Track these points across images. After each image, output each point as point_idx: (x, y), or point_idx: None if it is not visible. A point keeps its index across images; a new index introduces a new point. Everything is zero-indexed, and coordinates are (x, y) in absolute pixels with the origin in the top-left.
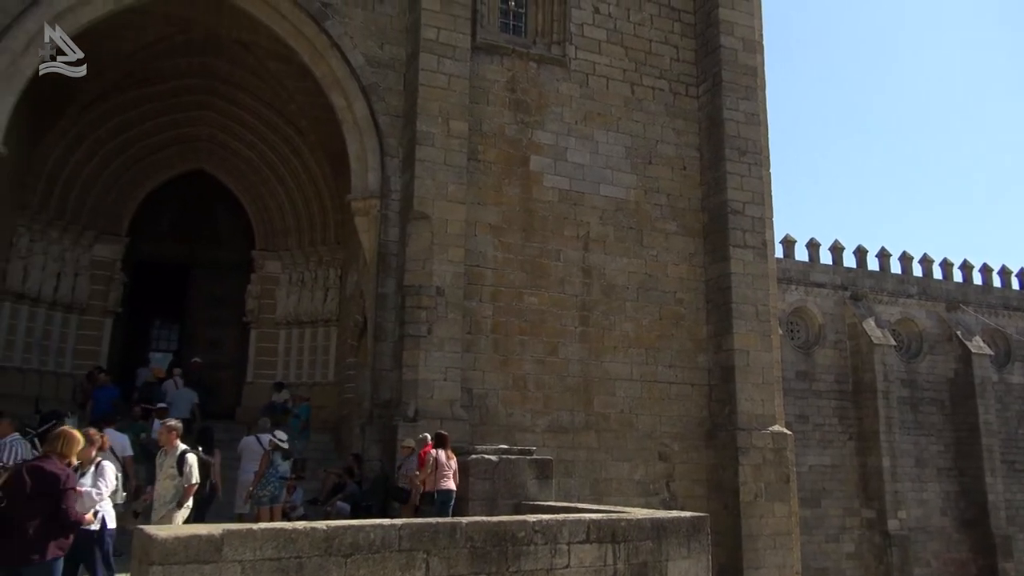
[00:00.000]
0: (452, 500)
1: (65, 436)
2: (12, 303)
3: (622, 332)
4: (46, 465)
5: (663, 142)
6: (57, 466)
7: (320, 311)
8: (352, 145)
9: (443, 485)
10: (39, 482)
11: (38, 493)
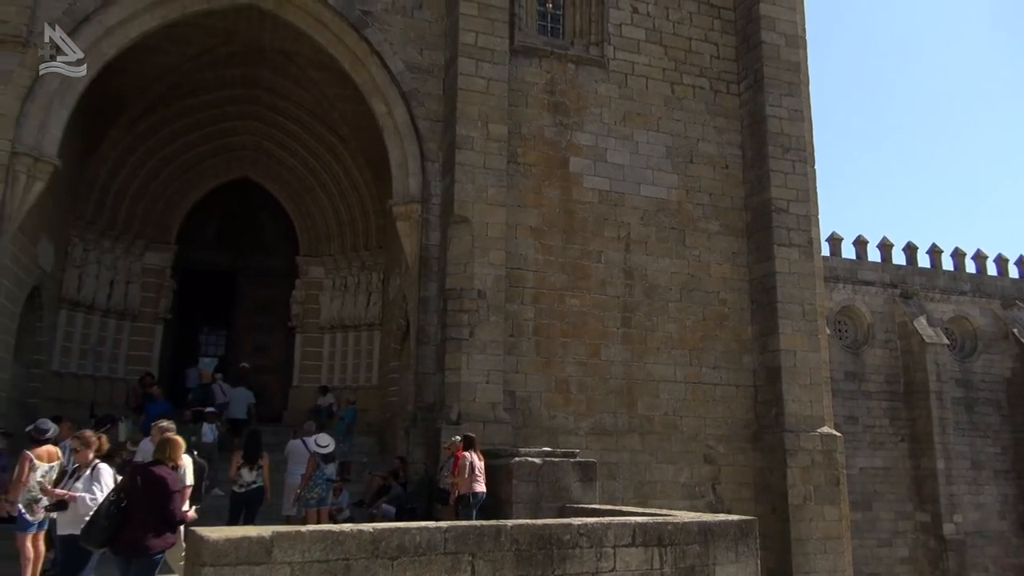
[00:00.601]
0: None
1: (171, 443)
2: (68, 310)
3: (665, 333)
4: (156, 470)
5: (704, 141)
6: (164, 471)
7: (363, 315)
8: (393, 151)
9: (476, 488)
10: (149, 484)
11: (149, 494)
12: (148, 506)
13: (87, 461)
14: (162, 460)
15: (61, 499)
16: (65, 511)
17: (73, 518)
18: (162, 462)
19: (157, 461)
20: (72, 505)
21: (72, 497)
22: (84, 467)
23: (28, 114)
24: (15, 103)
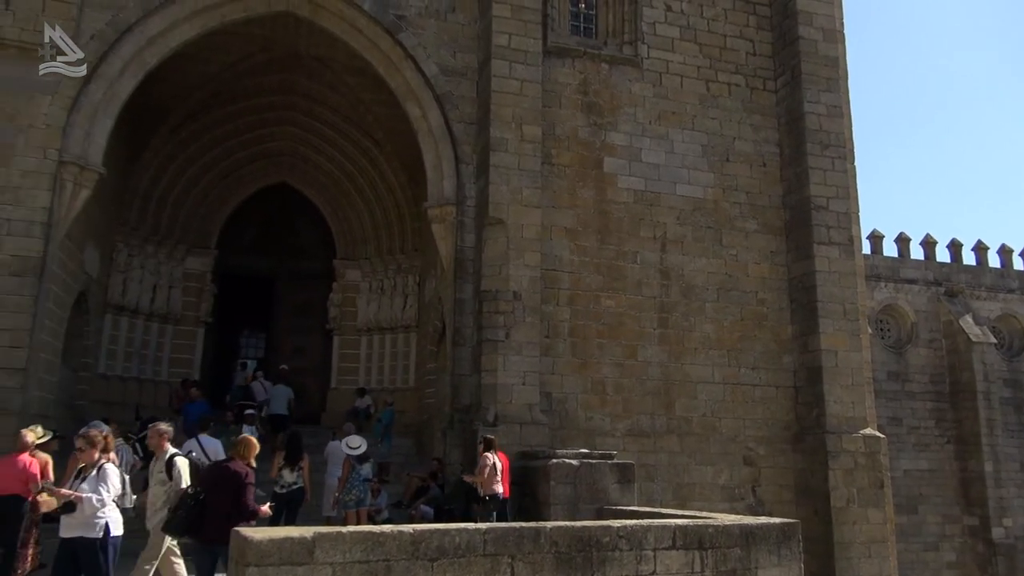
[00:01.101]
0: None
1: (246, 442)
2: (113, 315)
3: (702, 334)
4: (231, 465)
5: (741, 139)
6: (239, 466)
7: (400, 317)
8: (427, 154)
9: (496, 489)
10: (225, 478)
11: (225, 487)
12: (224, 498)
13: (93, 461)
14: (236, 456)
15: (69, 500)
16: (73, 512)
17: (81, 520)
18: (234, 458)
19: (231, 458)
20: (79, 506)
21: (79, 498)
22: (90, 467)
23: (74, 124)
24: (62, 113)
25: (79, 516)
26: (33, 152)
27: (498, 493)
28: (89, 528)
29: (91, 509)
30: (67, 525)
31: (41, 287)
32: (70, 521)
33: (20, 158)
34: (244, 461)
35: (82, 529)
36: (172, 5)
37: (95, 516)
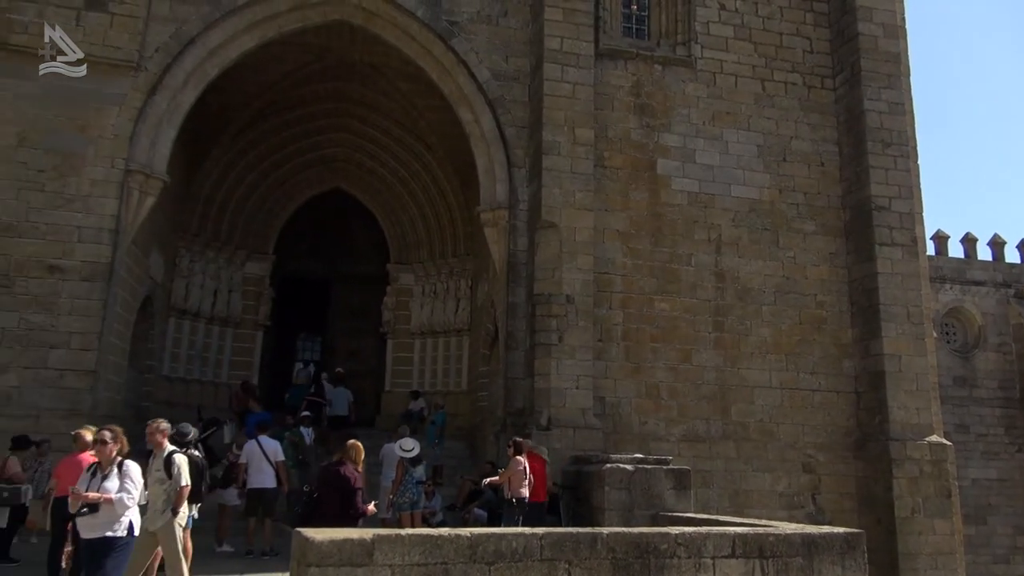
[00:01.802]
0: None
1: (355, 447)
2: (176, 318)
3: (759, 337)
4: (342, 469)
5: (798, 138)
6: (349, 470)
7: (452, 321)
8: (480, 158)
9: (524, 493)
10: (336, 481)
11: (336, 489)
12: (334, 498)
13: (110, 459)
14: (346, 460)
15: (94, 502)
16: (96, 513)
17: (108, 520)
18: (345, 462)
19: (341, 461)
20: (107, 507)
21: (108, 499)
22: (108, 465)
23: (140, 134)
24: (128, 124)
25: (104, 516)
26: (102, 162)
27: (524, 497)
28: (115, 527)
29: (121, 508)
30: (91, 525)
31: (110, 292)
32: (94, 521)
33: (90, 168)
34: (353, 465)
35: (105, 529)
36: (232, 17)
37: (123, 515)
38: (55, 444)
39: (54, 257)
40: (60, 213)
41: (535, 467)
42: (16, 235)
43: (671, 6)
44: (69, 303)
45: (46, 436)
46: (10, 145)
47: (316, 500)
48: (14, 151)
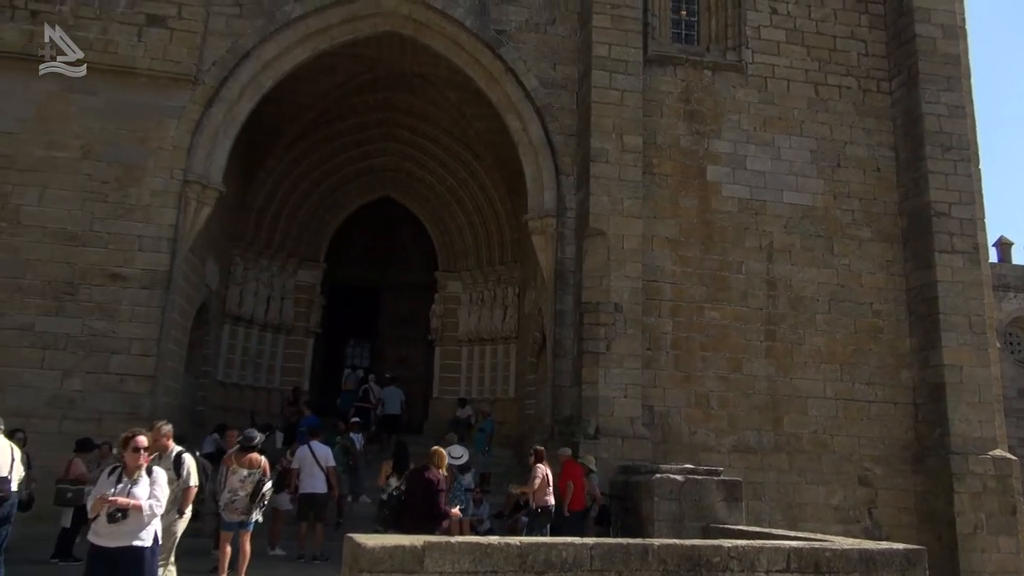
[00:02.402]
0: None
1: (439, 453)
2: (231, 325)
3: (812, 347)
4: (428, 473)
5: (852, 143)
6: (434, 474)
7: (500, 328)
8: (528, 166)
9: (549, 501)
10: (423, 484)
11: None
12: (421, 500)
13: (137, 464)
14: (430, 465)
15: (124, 508)
16: (125, 520)
17: (135, 528)
18: (430, 467)
19: (426, 466)
20: (135, 514)
21: (138, 506)
22: (135, 470)
23: (197, 145)
24: (186, 136)
25: (132, 524)
26: (161, 172)
27: (550, 506)
28: (142, 536)
29: (150, 516)
30: (116, 534)
31: (168, 299)
32: (120, 529)
33: (150, 178)
34: (437, 469)
35: (132, 538)
36: (286, 30)
37: (150, 524)
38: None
39: (116, 265)
40: (122, 223)
41: (574, 475)
42: (81, 244)
43: (721, 11)
44: (130, 310)
45: (107, 439)
46: (75, 158)
47: (404, 503)
48: (79, 163)
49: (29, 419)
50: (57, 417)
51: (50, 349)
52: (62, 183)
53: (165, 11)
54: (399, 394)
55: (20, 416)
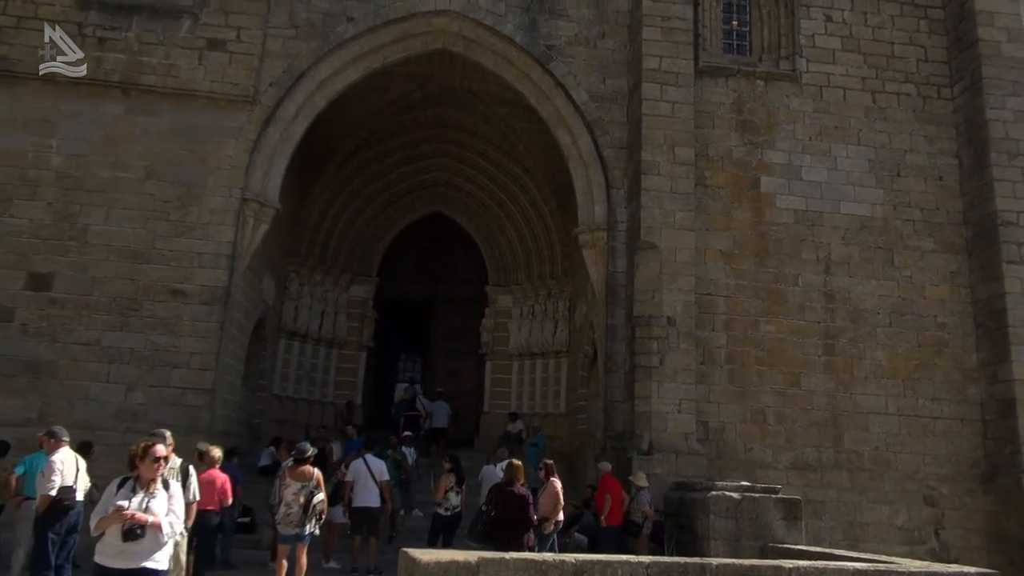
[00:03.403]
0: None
1: (519, 468)
2: (286, 339)
3: (873, 361)
4: (515, 489)
5: (913, 151)
6: (521, 489)
7: (550, 343)
8: (578, 179)
9: (562, 516)
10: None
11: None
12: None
13: (154, 476)
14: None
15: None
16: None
17: (152, 547)
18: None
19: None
20: (152, 532)
21: (156, 524)
22: (149, 483)
23: (254, 164)
24: (244, 155)
25: (149, 543)
26: (220, 191)
27: (560, 520)
28: (157, 559)
29: (169, 535)
30: (126, 553)
31: (226, 314)
32: (133, 549)
33: (210, 197)
34: (520, 483)
35: (147, 559)
36: (339, 51)
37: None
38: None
39: (177, 282)
40: (183, 240)
41: (612, 489)
42: (144, 261)
43: (774, 20)
44: (190, 325)
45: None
46: (139, 178)
47: (495, 517)
48: (143, 183)
49: (95, 431)
50: (121, 430)
51: (115, 363)
52: (127, 203)
53: (224, 35)
54: (447, 408)
55: (87, 428)
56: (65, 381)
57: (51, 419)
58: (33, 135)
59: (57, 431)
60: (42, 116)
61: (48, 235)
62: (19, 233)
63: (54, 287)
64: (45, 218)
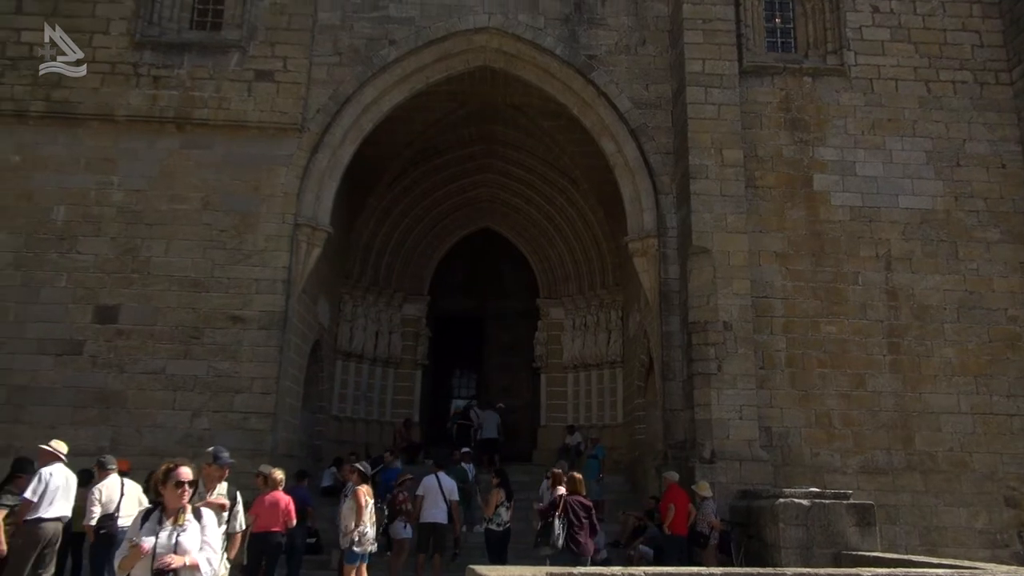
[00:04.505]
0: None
1: (580, 481)
2: (343, 361)
3: (942, 359)
4: (581, 499)
5: (972, 140)
6: (584, 499)
7: (604, 353)
8: (625, 188)
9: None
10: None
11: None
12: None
13: (180, 506)
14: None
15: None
16: None
17: None
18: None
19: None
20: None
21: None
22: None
23: (305, 190)
24: (295, 181)
25: None
26: (274, 218)
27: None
28: None
29: (208, 573)
30: None
31: (284, 338)
32: None
33: (264, 224)
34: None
35: None
36: (383, 74)
37: None
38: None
39: (236, 309)
40: (239, 268)
41: (677, 499)
42: (204, 290)
43: (819, 15)
44: (250, 350)
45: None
46: (196, 209)
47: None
48: (200, 214)
49: (163, 458)
50: (188, 455)
51: (180, 390)
52: (185, 233)
53: (272, 66)
54: (496, 418)
55: (155, 455)
56: (133, 410)
57: (122, 447)
58: (95, 174)
59: (104, 460)
60: (103, 155)
61: (112, 269)
62: (86, 268)
63: (120, 319)
64: (109, 252)
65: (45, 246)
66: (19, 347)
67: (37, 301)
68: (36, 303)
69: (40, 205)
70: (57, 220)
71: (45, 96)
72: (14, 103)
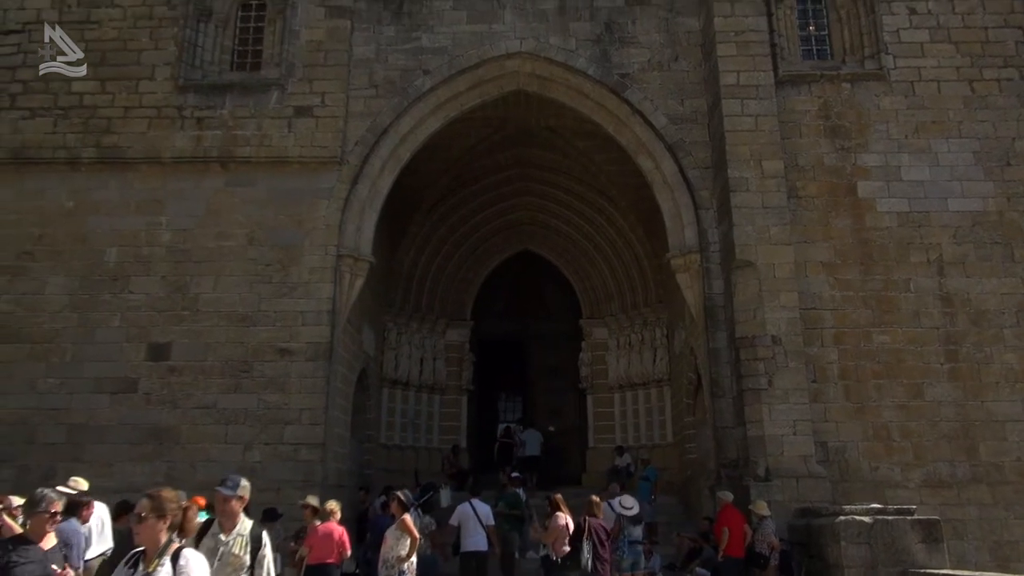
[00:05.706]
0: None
1: (598, 504)
2: (389, 389)
3: (1004, 365)
4: (600, 523)
5: (1022, 138)
6: (601, 521)
7: (651, 372)
8: (664, 204)
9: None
10: (599, 529)
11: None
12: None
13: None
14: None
15: None
16: None
17: None
18: (595, 516)
19: (593, 514)
20: None
21: None
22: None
23: (347, 221)
24: (337, 214)
25: None
26: (317, 250)
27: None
28: None
29: None
30: None
31: (331, 369)
32: None
33: (308, 256)
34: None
35: None
36: (418, 103)
37: None
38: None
39: (283, 341)
40: (285, 301)
41: (731, 521)
42: (251, 324)
43: (854, 20)
44: (298, 382)
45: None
46: (242, 245)
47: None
48: (245, 249)
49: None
50: None
51: (231, 424)
52: (232, 269)
53: (310, 101)
54: (538, 436)
55: (209, 489)
56: (187, 445)
57: (177, 482)
58: (144, 215)
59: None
60: (151, 196)
61: (163, 307)
62: (138, 307)
63: (172, 355)
64: (160, 291)
65: (99, 287)
66: (77, 387)
67: (93, 341)
68: (92, 343)
69: (94, 247)
70: (110, 261)
71: (96, 143)
72: (67, 151)
